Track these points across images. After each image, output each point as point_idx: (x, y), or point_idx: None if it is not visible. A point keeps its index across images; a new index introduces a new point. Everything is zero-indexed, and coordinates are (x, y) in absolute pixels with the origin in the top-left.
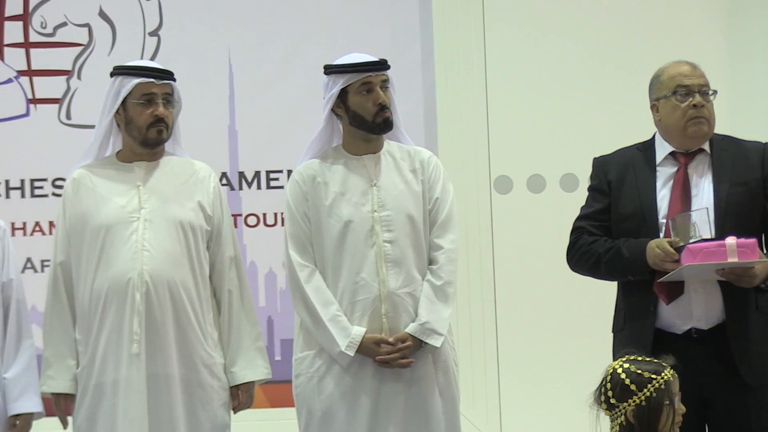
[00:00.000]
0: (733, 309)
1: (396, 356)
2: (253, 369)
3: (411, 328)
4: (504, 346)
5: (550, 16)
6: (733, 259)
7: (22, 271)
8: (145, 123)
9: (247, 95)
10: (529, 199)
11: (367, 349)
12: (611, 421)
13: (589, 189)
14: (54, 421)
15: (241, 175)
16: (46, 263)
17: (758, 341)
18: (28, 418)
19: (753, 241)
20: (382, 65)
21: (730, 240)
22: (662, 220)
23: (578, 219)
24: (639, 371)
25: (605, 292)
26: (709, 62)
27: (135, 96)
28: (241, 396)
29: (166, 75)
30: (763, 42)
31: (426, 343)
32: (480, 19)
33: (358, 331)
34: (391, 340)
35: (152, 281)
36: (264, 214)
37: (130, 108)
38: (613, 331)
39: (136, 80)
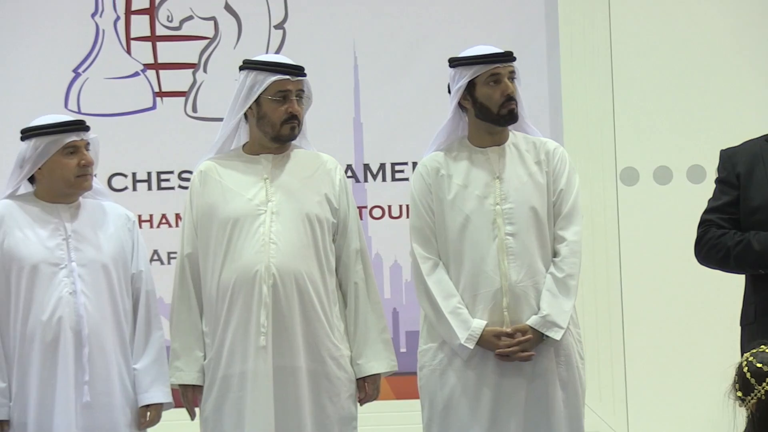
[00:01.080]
0: None
1: (516, 349)
2: (380, 361)
3: (532, 321)
4: (630, 338)
5: (678, 6)
6: None
7: (149, 263)
8: (280, 119)
9: (372, 87)
10: (656, 190)
11: (487, 342)
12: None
13: (717, 181)
14: (182, 413)
15: (366, 167)
16: (172, 255)
17: None
18: (158, 409)
19: None
20: (509, 56)
21: None
22: None
23: (706, 212)
24: (760, 365)
25: (733, 285)
26: None
27: (270, 92)
28: (367, 388)
29: (300, 71)
30: None
31: (547, 336)
32: (606, 9)
33: (478, 323)
34: (509, 330)
35: (279, 274)
36: (389, 206)
37: (264, 104)
38: (741, 325)
39: (273, 77)
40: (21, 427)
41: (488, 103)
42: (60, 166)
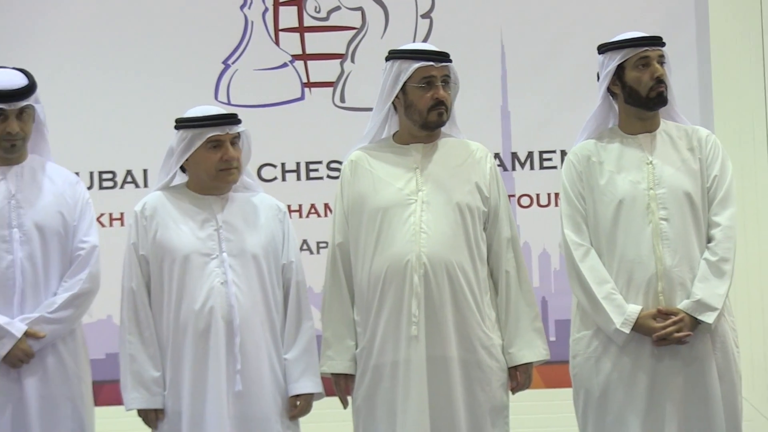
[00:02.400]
0: None
1: (672, 329)
2: (532, 350)
3: (684, 305)
4: None
5: None
6: None
7: (299, 254)
8: (426, 106)
9: (520, 75)
10: None
11: (642, 326)
12: None
13: None
14: (333, 402)
15: (514, 155)
16: (321, 245)
17: None
18: (308, 399)
19: None
20: (658, 40)
21: None
22: None
23: None
24: None
25: None
26: None
27: (415, 80)
28: (519, 377)
29: (445, 57)
30: None
31: (700, 320)
32: None
33: (634, 308)
34: (663, 309)
35: (430, 263)
36: (537, 195)
37: (410, 92)
38: None
39: (416, 64)
40: (175, 415)
41: (637, 87)
42: (203, 160)
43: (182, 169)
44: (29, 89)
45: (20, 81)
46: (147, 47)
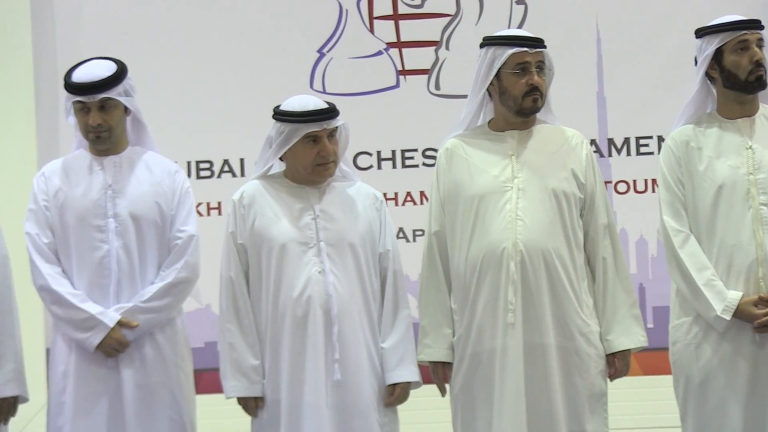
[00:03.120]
0: None
1: None
2: (630, 337)
3: None
4: None
5: None
6: None
7: (396, 242)
8: (521, 92)
9: (615, 61)
10: None
11: (743, 313)
12: None
13: None
14: (430, 389)
15: (611, 141)
16: (417, 233)
17: None
18: (405, 387)
19: None
20: (757, 23)
21: None
22: None
23: None
24: None
25: None
26: None
27: (509, 66)
28: (617, 364)
29: (539, 43)
30: None
31: None
32: None
33: (734, 295)
34: (764, 296)
35: (527, 250)
36: (634, 181)
37: (504, 78)
38: None
39: (510, 50)
40: (274, 404)
41: (736, 71)
42: (301, 154)
43: (280, 157)
44: (109, 81)
45: (102, 73)
46: (243, 37)
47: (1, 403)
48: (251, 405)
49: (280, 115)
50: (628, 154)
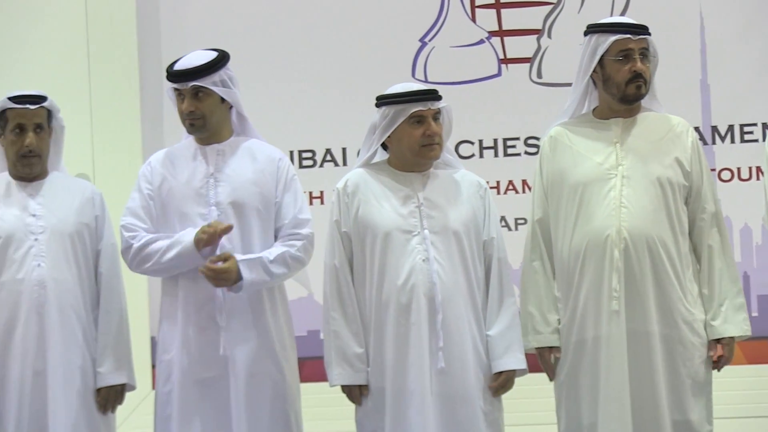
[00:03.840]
0: None
1: None
2: (735, 324)
3: None
4: None
5: None
6: None
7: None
8: (624, 79)
9: (719, 48)
10: None
11: None
12: None
13: None
14: (534, 378)
15: (714, 129)
16: (519, 221)
17: None
18: (511, 375)
19: None
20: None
21: None
22: None
23: None
24: None
25: None
26: None
27: (612, 53)
28: (722, 350)
29: (643, 30)
30: None
31: None
32: None
33: None
34: None
35: (631, 238)
36: (738, 168)
37: (607, 65)
38: None
39: (613, 37)
40: (379, 392)
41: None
42: (406, 135)
43: (383, 147)
44: (201, 70)
45: (197, 62)
46: (345, 27)
47: (109, 391)
48: (356, 393)
49: (384, 99)
50: (732, 141)
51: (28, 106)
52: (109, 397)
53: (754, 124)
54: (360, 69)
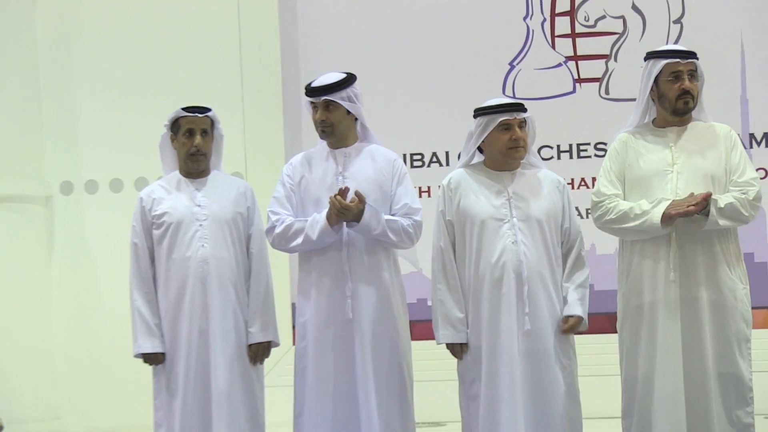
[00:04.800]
0: None
1: None
2: None
3: None
4: None
5: None
6: None
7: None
8: (674, 96)
9: (757, 68)
10: None
11: None
12: None
13: None
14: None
15: (752, 136)
16: (588, 210)
17: None
18: (578, 321)
19: None
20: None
21: None
22: None
23: None
24: None
25: None
26: None
27: (665, 74)
28: None
29: (690, 54)
30: None
31: None
32: None
33: None
34: None
35: (683, 221)
36: None
37: (661, 84)
38: None
39: (665, 61)
40: (476, 349)
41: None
42: (496, 140)
43: (480, 150)
44: (332, 87)
45: (329, 80)
46: (450, 54)
47: (258, 347)
48: (457, 350)
49: (480, 110)
50: (767, 146)
51: (197, 114)
52: (258, 352)
53: None
54: (461, 87)
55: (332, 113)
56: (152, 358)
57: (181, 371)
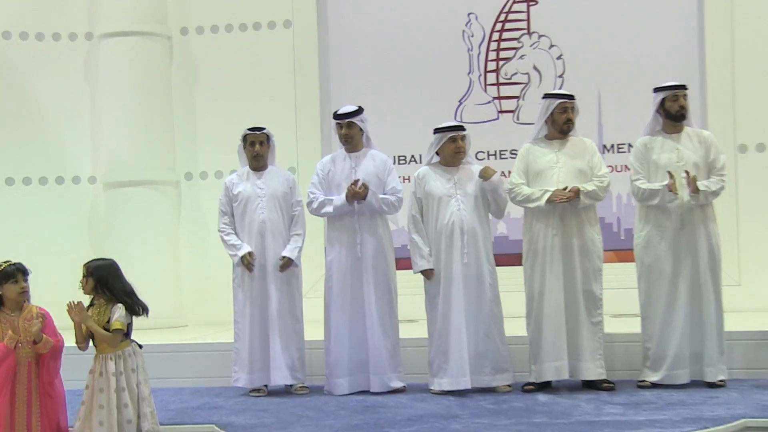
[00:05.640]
0: None
1: None
2: None
3: None
4: None
5: None
6: None
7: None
8: (562, 122)
9: (610, 108)
10: None
11: None
12: None
13: None
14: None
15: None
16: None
17: None
18: (491, 172)
19: None
20: (683, 86)
21: None
22: None
23: None
24: None
25: None
26: None
27: (557, 108)
28: None
29: (572, 96)
30: None
31: None
32: None
33: None
34: None
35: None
36: None
37: (554, 114)
38: None
39: (558, 101)
40: (437, 275)
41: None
42: (447, 148)
43: (437, 154)
44: (352, 113)
45: (349, 109)
46: (422, 92)
47: (284, 259)
48: (427, 273)
49: (437, 129)
50: (613, 153)
51: (256, 132)
52: (284, 263)
53: None
54: (429, 114)
55: (351, 130)
56: (245, 260)
57: (249, 285)
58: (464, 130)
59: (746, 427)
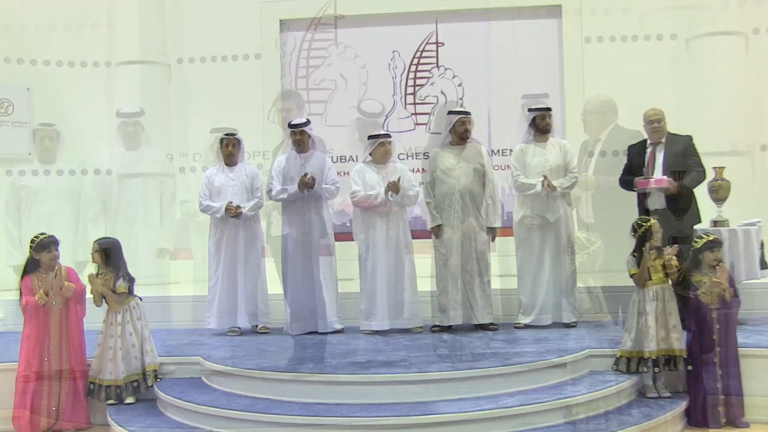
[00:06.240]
0: None
1: None
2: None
3: None
4: None
5: None
6: None
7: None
8: (460, 132)
9: (499, 119)
10: None
11: None
12: None
13: None
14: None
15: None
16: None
17: None
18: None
19: None
20: (548, 109)
21: None
22: None
23: None
24: None
25: None
26: None
27: (457, 122)
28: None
29: (468, 113)
30: None
31: None
32: None
33: None
34: None
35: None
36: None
37: (455, 125)
38: None
39: (457, 116)
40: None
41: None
42: (377, 151)
43: (370, 155)
44: (303, 125)
45: (300, 121)
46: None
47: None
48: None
49: (370, 136)
50: (499, 156)
51: (230, 136)
52: (232, 209)
53: None
54: (365, 125)
55: (302, 136)
56: (228, 207)
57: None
58: (390, 137)
59: (590, 355)
